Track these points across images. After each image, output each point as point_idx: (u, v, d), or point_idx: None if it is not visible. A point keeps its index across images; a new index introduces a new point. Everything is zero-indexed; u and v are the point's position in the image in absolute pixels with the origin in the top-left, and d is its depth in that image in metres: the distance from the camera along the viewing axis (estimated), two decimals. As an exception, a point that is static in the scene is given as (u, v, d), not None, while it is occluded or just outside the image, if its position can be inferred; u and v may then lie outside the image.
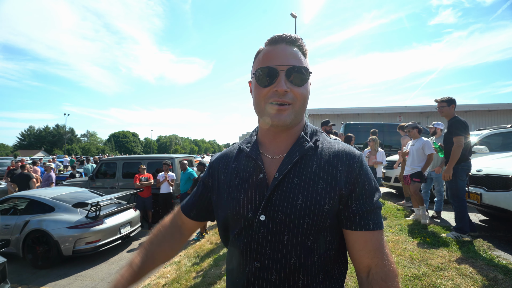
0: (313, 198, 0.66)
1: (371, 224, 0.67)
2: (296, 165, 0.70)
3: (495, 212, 3.76)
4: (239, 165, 0.77)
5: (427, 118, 19.81)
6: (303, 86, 0.70)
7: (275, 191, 0.68)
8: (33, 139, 71.34)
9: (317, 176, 0.68)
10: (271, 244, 0.67)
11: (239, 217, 0.71)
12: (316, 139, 0.74)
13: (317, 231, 0.67)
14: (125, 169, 7.30)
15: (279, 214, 0.66)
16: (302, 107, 0.71)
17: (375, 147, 5.72)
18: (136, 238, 5.53)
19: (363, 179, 0.69)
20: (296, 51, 0.71)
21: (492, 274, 2.64)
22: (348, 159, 0.70)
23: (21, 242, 4.34)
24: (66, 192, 5.19)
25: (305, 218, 0.65)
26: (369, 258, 0.66)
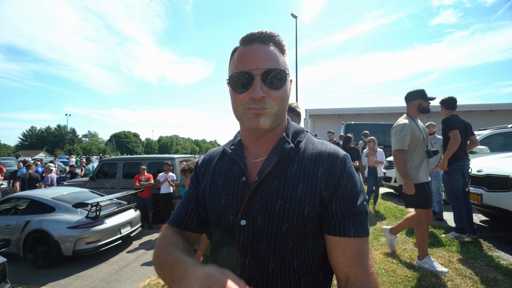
0: (292, 202, 0.64)
1: (352, 230, 0.63)
2: (277, 167, 0.67)
3: (496, 212, 3.75)
4: (222, 167, 0.76)
5: (428, 118, 19.76)
6: (281, 89, 0.66)
7: (254, 195, 0.66)
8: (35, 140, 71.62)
9: (297, 179, 0.65)
10: (251, 250, 0.65)
11: (220, 221, 0.69)
12: (299, 140, 0.72)
13: (297, 236, 0.64)
14: (126, 169, 7.32)
15: (258, 219, 0.64)
16: (281, 109, 0.68)
17: (374, 147, 5.71)
18: (136, 238, 5.54)
19: (345, 182, 0.65)
20: (271, 50, 0.66)
21: (492, 274, 2.63)
22: (330, 160, 0.67)
23: (21, 242, 4.35)
24: (66, 192, 5.20)
25: (283, 223, 0.63)
26: (347, 266, 0.62)
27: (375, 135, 7.97)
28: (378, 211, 5.48)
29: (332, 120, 20.80)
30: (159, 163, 7.07)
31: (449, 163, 3.61)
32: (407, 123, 2.80)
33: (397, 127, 2.85)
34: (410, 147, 2.80)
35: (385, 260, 3.11)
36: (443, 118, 3.73)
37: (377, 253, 3.35)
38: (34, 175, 7.28)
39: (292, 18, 14.52)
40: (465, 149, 3.72)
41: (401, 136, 2.77)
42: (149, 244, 5.22)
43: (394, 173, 6.70)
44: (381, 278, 2.72)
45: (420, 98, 2.86)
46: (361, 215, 0.65)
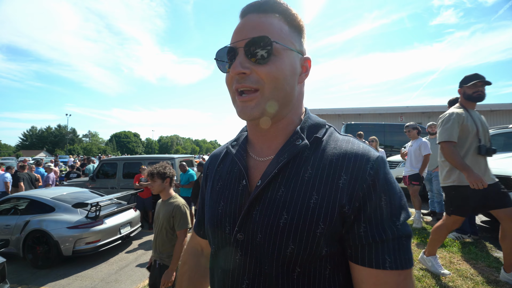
0: (301, 216, 0.49)
1: (388, 260, 0.46)
2: (285, 170, 0.53)
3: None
4: (224, 168, 0.65)
5: (428, 118, 19.73)
6: (271, 64, 0.51)
7: (255, 204, 0.53)
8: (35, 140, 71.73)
9: (311, 187, 0.50)
10: (249, 273, 0.52)
11: (216, 232, 0.58)
12: (317, 136, 0.56)
13: (307, 261, 0.49)
14: (126, 169, 7.31)
15: (258, 234, 0.51)
16: (275, 91, 0.52)
17: (376, 147, 5.69)
18: (136, 238, 5.53)
19: (379, 193, 0.48)
20: (265, 19, 0.53)
21: (493, 276, 2.62)
22: (357, 164, 0.50)
23: (21, 242, 4.34)
24: (66, 192, 5.19)
25: (288, 243, 0.49)
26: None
27: (375, 135, 7.94)
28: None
29: (332, 120, 20.79)
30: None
31: None
32: (456, 112, 2.49)
33: (444, 116, 2.58)
34: (459, 141, 2.44)
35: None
36: None
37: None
38: (33, 175, 7.28)
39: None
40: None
41: (447, 127, 2.46)
42: (148, 244, 5.21)
43: (394, 173, 6.69)
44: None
45: (464, 84, 2.57)
46: (401, 239, 0.48)
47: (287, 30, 0.54)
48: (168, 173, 2.29)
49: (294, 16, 0.56)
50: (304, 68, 0.59)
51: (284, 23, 0.54)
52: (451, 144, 2.44)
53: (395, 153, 9.59)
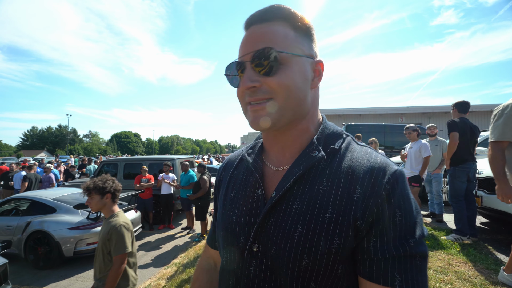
0: (316, 231, 0.48)
1: (398, 279, 0.44)
2: (301, 182, 0.52)
3: (496, 214, 3.74)
4: (238, 175, 0.63)
5: (429, 119, 19.73)
6: (278, 74, 0.50)
7: (270, 215, 0.52)
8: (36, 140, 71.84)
9: (326, 200, 0.49)
10: (265, 284, 0.51)
11: (229, 241, 0.57)
12: (334, 148, 0.55)
13: (323, 278, 0.48)
14: (127, 170, 7.34)
15: (273, 246, 0.50)
16: (289, 100, 0.51)
17: (376, 149, 5.70)
18: (137, 239, 5.55)
19: (394, 208, 0.47)
20: (270, 28, 0.52)
21: (492, 278, 2.63)
22: (373, 177, 0.49)
23: (22, 243, 4.37)
24: (67, 193, 5.22)
25: (303, 257, 0.48)
26: None
27: (376, 136, 7.94)
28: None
29: (332, 121, 20.65)
30: (160, 164, 7.09)
31: (455, 165, 3.62)
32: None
33: (497, 110, 2.10)
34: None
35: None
36: (449, 119, 3.75)
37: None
38: (39, 176, 7.33)
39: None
40: (472, 152, 3.70)
41: (499, 123, 2.02)
42: (149, 245, 5.23)
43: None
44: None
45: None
46: (415, 259, 0.45)
47: (293, 36, 0.53)
48: (108, 187, 1.95)
49: (300, 18, 0.54)
50: (317, 72, 0.56)
51: (289, 29, 0.53)
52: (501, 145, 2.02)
53: (395, 154, 9.60)
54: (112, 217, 1.94)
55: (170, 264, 4.25)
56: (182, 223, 6.70)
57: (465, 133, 3.60)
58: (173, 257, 4.59)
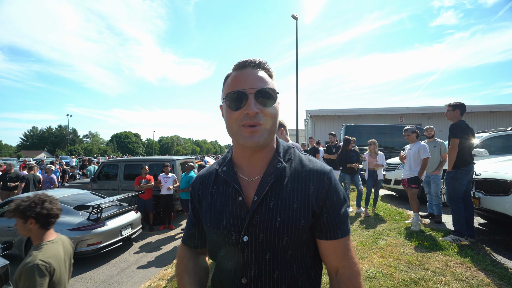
0: (289, 217, 0.71)
1: (339, 233, 0.73)
2: (273, 186, 0.73)
3: (494, 216, 3.77)
4: (218, 189, 0.80)
5: (428, 120, 19.74)
6: (272, 106, 0.73)
7: (255, 213, 0.72)
8: (36, 140, 71.87)
9: (292, 197, 0.72)
10: (256, 262, 0.72)
11: (223, 239, 0.75)
12: (289, 158, 0.78)
13: (295, 245, 0.72)
14: (127, 171, 7.36)
15: (260, 235, 0.71)
16: (273, 126, 0.74)
17: (375, 150, 5.73)
18: (137, 240, 5.58)
19: (332, 194, 0.74)
20: (262, 74, 0.74)
21: (489, 279, 2.66)
22: (318, 177, 0.74)
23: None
24: (68, 194, 5.24)
25: (284, 236, 0.70)
26: (337, 261, 0.74)
27: (375, 137, 7.96)
28: (378, 213, 5.50)
29: (332, 121, 20.81)
30: (160, 164, 7.11)
31: (458, 167, 3.64)
32: None
33: None
34: None
35: (383, 264, 3.13)
36: (453, 123, 3.76)
37: (375, 256, 3.38)
38: (38, 177, 7.32)
39: (293, 19, 14.57)
40: (471, 154, 3.75)
41: None
42: (150, 246, 5.26)
43: (393, 175, 6.72)
44: (378, 282, 2.75)
45: None
46: (345, 218, 0.75)
47: (272, 82, 0.76)
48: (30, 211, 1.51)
49: (271, 71, 0.78)
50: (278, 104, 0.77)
51: (268, 77, 0.75)
52: None
53: (394, 155, 9.62)
54: (35, 249, 1.47)
55: (170, 265, 4.28)
56: (182, 224, 6.72)
57: (468, 136, 3.63)
58: (173, 258, 4.61)
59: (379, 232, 4.30)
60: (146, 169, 6.45)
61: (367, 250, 3.58)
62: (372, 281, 2.79)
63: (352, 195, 6.34)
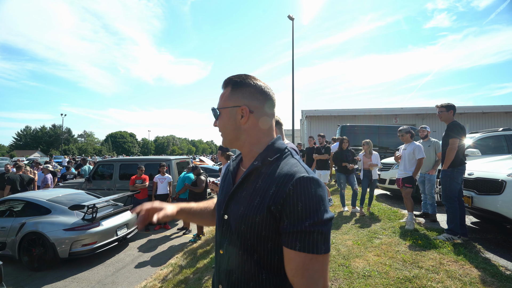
0: (249, 210, 0.79)
1: (298, 245, 0.69)
2: (248, 179, 0.84)
3: (486, 215, 3.84)
4: (227, 173, 0.99)
5: (422, 120, 19.97)
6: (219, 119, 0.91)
7: (231, 198, 0.86)
8: (30, 139, 70.80)
9: (257, 193, 0.80)
10: (228, 238, 0.85)
11: (217, 212, 0.94)
12: (269, 158, 0.83)
13: (254, 237, 0.78)
14: (122, 170, 7.31)
15: (231, 217, 0.84)
16: (227, 134, 0.90)
17: (369, 150, 5.78)
18: (133, 240, 5.54)
19: (296, 201, 0.71)
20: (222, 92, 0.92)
21: (481, 276, 2.71)
22: (282, 181, 0.75)
23: (17, 244, 4.34)
24: (62, 194, 5.19)
25: (242, 224, 0.80)
26: (291, 275, 0.73)
27: (370, 137, 8.03)
28: (373, 213, 5.55)
29: (328, 121, 20.93)
30: (155, 164, 7.08)
31: (453, 167, 3.69)
32: None
33: None
34: None
35: (378, 262, 3.17)
36: (451, 123, 3.80)
37: (370, 255, 3.41)
38: (26, 177, 7.17)
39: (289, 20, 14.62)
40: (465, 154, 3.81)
41: None
42: (145, 246, 5.23)
43: (388, 175, 6.79)
44: (374, 280, 2.78)
45: None
46: (312, 234, 0.70)
47: (229, 94, 0.88)
48: None
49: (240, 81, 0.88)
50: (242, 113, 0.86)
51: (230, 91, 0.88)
52: None
53: (389, 155, 9.71)
54: None
55: (166, 265, 4.27)
56: (178, 224, 6.70)
57: (463, 136, 3.69)
58: (169, 258, 4.60)
59: (374, 231, 4.34)
60: (142, 170, 6.42)
61: (362, 249, 3.62)
62: (367, 279, 2.82)
63: (347, 195, 6.38)
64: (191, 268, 3.86)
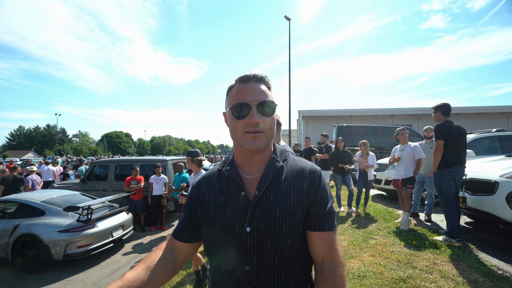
0: (287, 208, 0.80)
1: (327, 226, 0.83)
2: (272, 182, 0.83)
3: (479, 215, 3.88)
4: (222, 185, 0.89)
5: (418, 120, 20.18)
6: (270, 117, 0.84)
7: (256, 206, 0.81)
8: (23, 139, 69.92)
9: (289, 190, 0.82)
10: (258, 250, 0.79)
11: (228, 231, 0.82)
12: (285, 158, 0.90)
13: (293, 235, 0.81)
14: (118, 171, 7.26)
15: (261, 225, 0.79)
16: (271, 133, 0.86)
17: (365, 151, 5.82)
18: (128, 241, 5.51)
19: (322, 190, 0.85)
20: (263, 87, 0.85)
21: (473, 276, 2.75)
22: (311, 174, 0.86)
23: (10, 246, 4.28)
24: (57, 195, 5.14)
25: (283, 225, 0.79)
26: (323, 252, 0.81)
27: (367, 138, 8.09)
28: (368, 213, 5.59)
29: (324, 121, 21.01)
30: (151, 165, 7.04)
31: (441, 169, 3.70)
32: None
33: None
34: None
35: (373, 263, 3.19)
36: (436, 125, 3.82)
37: (365, 255, 3.44)
38: (19, 177, 7.10)
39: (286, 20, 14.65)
40: (460, 155, 3.72)
41: None
42: (141, 247, 5.21)
43: (384, 175, 6.84)
44: (368, 281, 2.80)
45: None
46: (331, 214, 0.85)
47: (271, 95, 0.87)
48: None
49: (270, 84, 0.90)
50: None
51: (268, 89, 0.86)
52: None
53: (385, 155, 9.79)
54: None
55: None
56: (174, 224, 6.68)
57: (452, 137, 3.66)
58: (165, 259, 4.58)
59: (370, 231, 4.37)
60: (137, 170, 6.38)
61: (357, 250, 3.64)
62: (362, 279, 2.84)
63: (343, 195, 6.42)
64: (187, 269, 3.84)
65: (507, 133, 6.24)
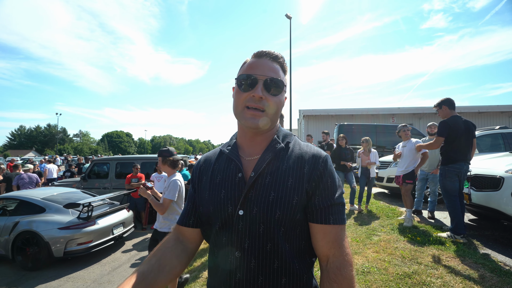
0: (283, 193, 0.74)
1: (331, 218, 0.74)
2: (269, 164, 0.78)
3: (484, 211, 3.84)
4: (220, 166, 0.85)
5: (419, 120, 20.12)
6: (277, 96, 0.79)
7: (251, 188, 0.75)
8: (24, 139, 70.07)
9: (287, 174, 0.76)
10: (249, 235, 0.74)
11: (220, 212, 0.77)
12: (288, 141, 0.83)
13: (288, 223, 0.74)
14: (119, 169, 7.23)
15: (254, 208, 0.74)
16: (275, 115, 0.80)
17: (367, 148, 5.77)
18: (129, 238, 5.48)
19: (327, 178, 0.77)
20: (276, 66, 0.81)
21: (480, 271, 2.70)
22: (314, 159, 0.78)
23: (10, 243, 4.26)
24: (57, 193, 5.11)
25: (276, 210, 0.73)
26: (327, 248, 0.74)
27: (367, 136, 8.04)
28: (371, 210, 5.55)
29: (325, 121, 20.96)
30: (152, 163, 7.01)
31: (444, 165, 3.66)
32: None
33: None
34: None
35: (377, 259, 3.15)
36: (442, 120, 3.75)
37: (369, 251, 3.40)
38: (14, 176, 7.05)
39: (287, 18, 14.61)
40: (465, 152, 3.63)
41: None
42: (142, 245, 5.17)
43: (386, 173, 6.80)
44: (373, 277, 2.76)
45: None
46: (339, 206, 0.77)
47: (284, 76, 0.83)
48: None
49: (286, 66, 0.85)
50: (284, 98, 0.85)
51: (281, 71, 0.82)
52: None
53: (387, 153, 9.74)
54: None
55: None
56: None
57: (457, 133, 3.58)
58: (166, 257, 4.55)
59: (373, 228, 4.33)
60: (137, 168, 6.35)
61: (361, 246, 3.60)
62: (366, 275, 2.80)
63: (345, 193, 6.39)
64: (188, 266, 3.81)
65: (510, 131, 6.20)
